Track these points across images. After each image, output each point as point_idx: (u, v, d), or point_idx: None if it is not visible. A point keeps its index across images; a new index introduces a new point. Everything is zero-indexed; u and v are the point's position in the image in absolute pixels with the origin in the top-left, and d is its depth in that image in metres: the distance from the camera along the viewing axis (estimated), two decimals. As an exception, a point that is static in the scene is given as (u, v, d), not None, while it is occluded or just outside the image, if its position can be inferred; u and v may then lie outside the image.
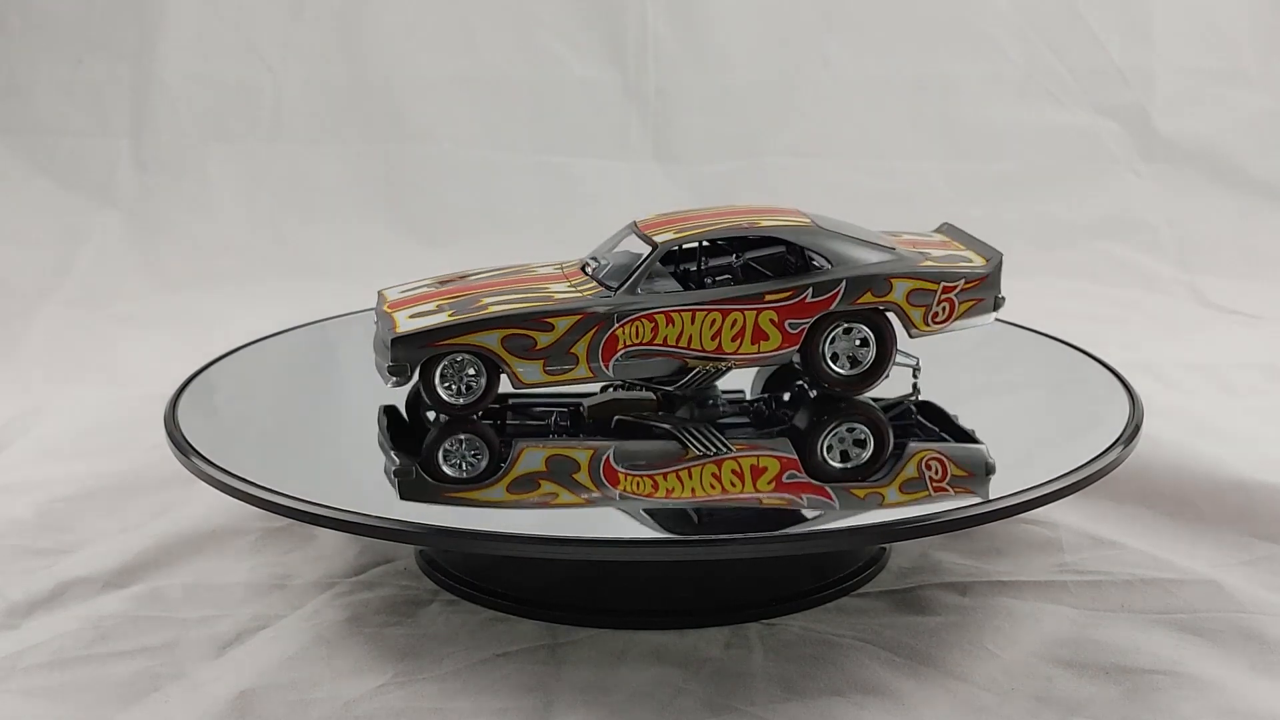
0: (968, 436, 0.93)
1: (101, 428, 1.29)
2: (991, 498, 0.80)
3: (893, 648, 0.86)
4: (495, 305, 0.93)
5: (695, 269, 0.98)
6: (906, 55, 2.04)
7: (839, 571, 0.94)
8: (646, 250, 0.96)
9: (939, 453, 0.90)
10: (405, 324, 0.93)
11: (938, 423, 0.96)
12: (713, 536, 0.80)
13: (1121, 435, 0.88)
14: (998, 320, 1.20)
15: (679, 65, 2.03)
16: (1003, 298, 1.00)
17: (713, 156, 2.02)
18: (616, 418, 0.94)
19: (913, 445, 0.91)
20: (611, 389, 0.96)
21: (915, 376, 1.00)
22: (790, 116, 2.04)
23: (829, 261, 0.95)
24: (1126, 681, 0.83)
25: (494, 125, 2.02)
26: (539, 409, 0.97)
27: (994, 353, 1.16)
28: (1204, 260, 1.86)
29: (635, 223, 1.01)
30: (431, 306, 0.95)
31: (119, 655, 0.87)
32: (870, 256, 0.96)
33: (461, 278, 1.03)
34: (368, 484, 0.90)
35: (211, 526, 1.05)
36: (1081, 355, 1.08)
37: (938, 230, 1.08)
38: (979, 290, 0.99)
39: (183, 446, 0.88)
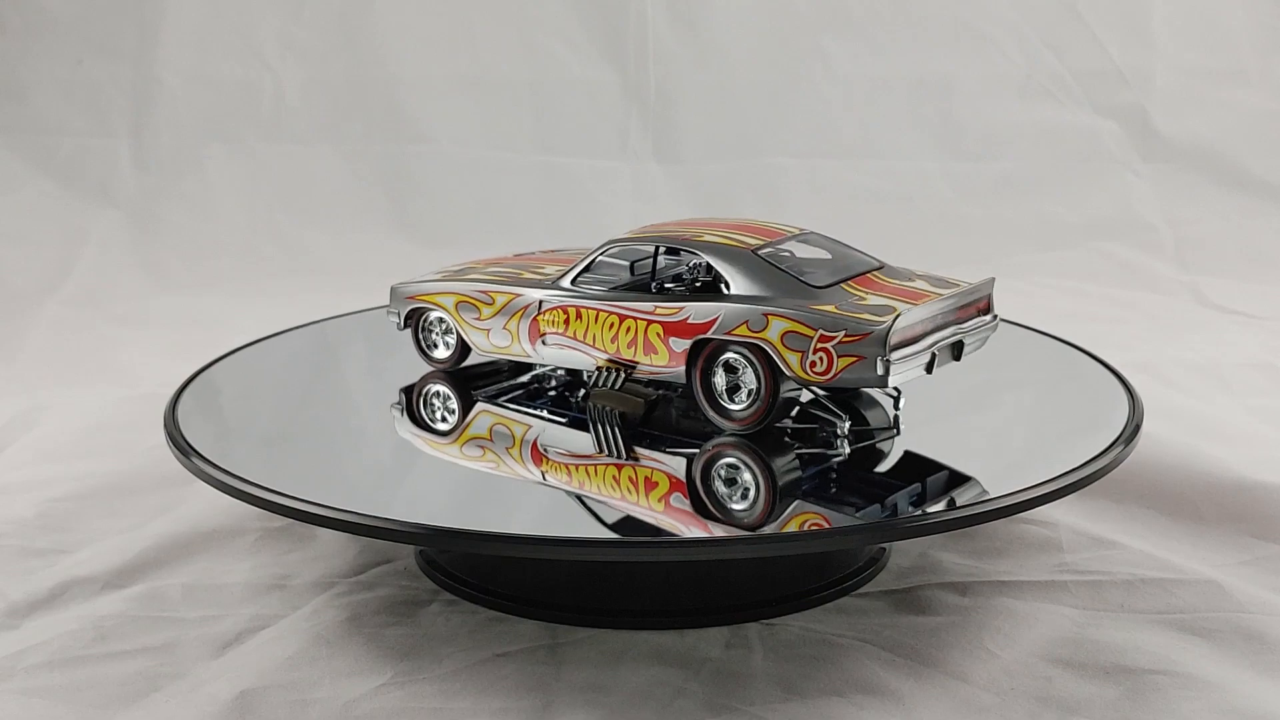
0: (888, 504, 0.84)
1: (101, 428, 1.29)
2: (992, 497, 0.80)
3: (892, 648, 0.86)
4: (473, 276, 1.02)
5: (649, 273, 0.95)
6: (906, 55, 2.04)
7: (839, 571, 0.94)
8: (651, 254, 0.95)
9: (823, 518, 0.81)
10: (407, 281, 1.06)
11: (862, 478, 0.88)
12: (712, 536, 0.80)
13: (1121, 435, 0.88)
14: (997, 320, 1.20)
15: (679, 65, 2.04)
16: (888, 360, 0.83)
17: (712, 157, 2.02)
18: (603, 404, 0.94)
19: (798, 504, 0.82)
20: (618, 376, 0.95)
21: (897, 408, 0.95)
22: (790, 116, 2.04)
23: (727, 286, 0.90)
24: (1126, 681, 0.83)
25: (494, 125, 2.03)
26: (550, 381, 1.02)
27: (994, 352, 1.16)
28: (1203, 260, 1.86)
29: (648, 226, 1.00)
30: (443, 273, 1.06)
31: (119, 655, 0.87)
32: (776, 290, 0.88)
33: (511, 257, 1.10)
34: (367, 484, 0.90)
35: (211, 526, 1.05)
36: (1081, 355, 1.08)
37: (983, 282, 0.95)
38: (859, 347, 0.84)
39: (182, 446, 0.88)
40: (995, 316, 0.94)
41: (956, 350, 0.90)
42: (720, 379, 0.89)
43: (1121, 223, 1.94)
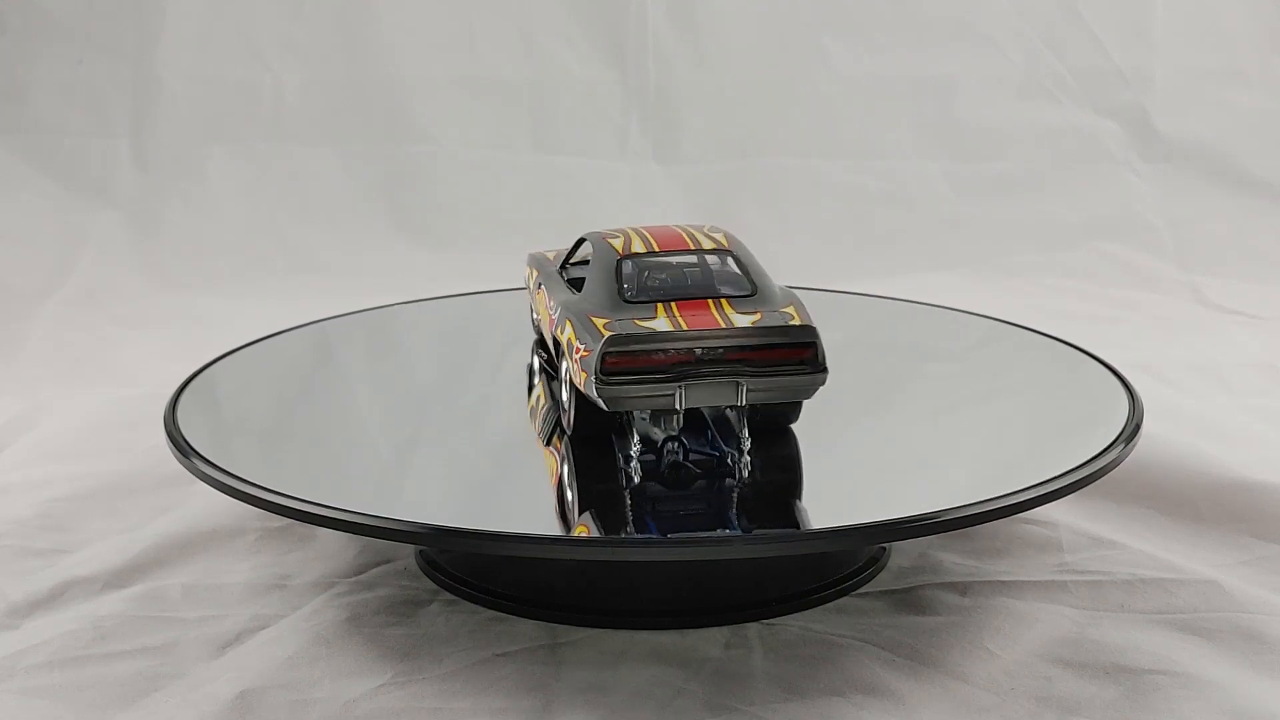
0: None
1: (101, 428, 1.29)
2: (991, 497, 0.80)
3: (892, 648, 0.86)
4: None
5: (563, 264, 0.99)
6: (906, 55, 2.04)
7: (839, 571, 0.94)
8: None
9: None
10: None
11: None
12: (711, 536, 0.80)
13: (1121, 435, 0.88)
14: (998, 320, 1.20)
15: (679, 65, 2.04)
16: (601, 380, 0.80)
17: (713, 157, 2.02)
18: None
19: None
20: None
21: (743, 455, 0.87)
22: (790, 116, 2.04)
23: (583, 287, 0.90)
24: (1126, 681, 0.83)
25: (494, 125, 2.03)
26: None
27: (994, 352, 1.16)
28: (1203, 260, 1.86)
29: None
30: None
31: (119, 655, 0.87)
32: (598, 297, 0.86)
33: None
34: (367, 484, 0.90)
35: (211, 526, 1.05)
36: (1081, 355, 1.08)
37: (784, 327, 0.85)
38: (586, 362, 0.81)
39: (182, 447, 0.88)
40: (816, 371, 0.83)
41: (740, 394, 0.82)
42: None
43: (1121, 223, 1.94)
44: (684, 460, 0.87)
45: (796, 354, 0.82)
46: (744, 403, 0.82)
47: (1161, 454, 1.13)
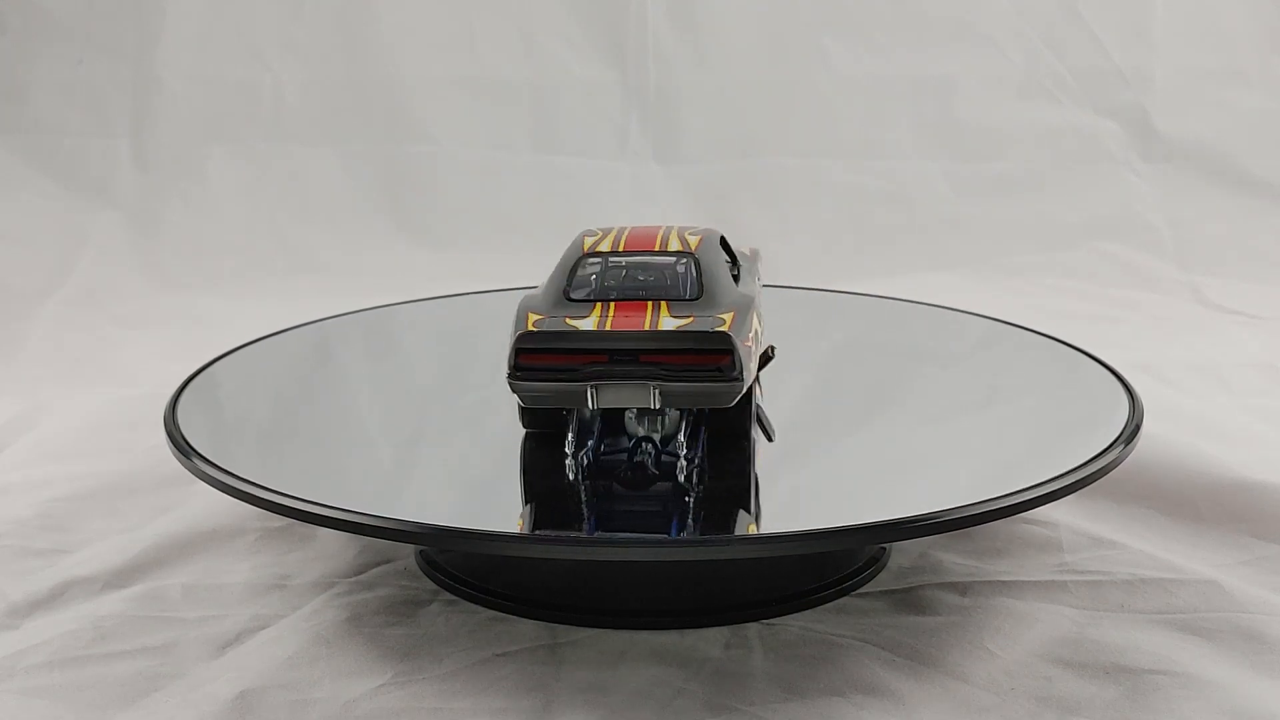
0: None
1: (101, 428, 1.29)
2: (992, 497, 0.80)
3: (892, 648, 0.86)
4: None
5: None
6: (906, 55, 2.04)
7: (839, 571, 0.94)
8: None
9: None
10: None
11: None
12: (711, 536, 0.80)
13: (1121, 435, 0.88)
14: (998, 321, 1.21)
15: (679, 65, 2.04)
16: (513, 373, 0.82)
17: (713, 157, 2.02)
18: None
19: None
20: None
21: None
22: (790, 116, 2.04)
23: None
24: (1126, 681, 0.83)
25: (494, 125, 2.03)
26: None
27: (994, 353, 1.16)
28: (1204, 260, 1.86)
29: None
30: None
31: (119, 655, 0.87)
32: (550, 295, 0.86)
33: None
34: (367, 484, 0.90)
35: (211, 526, 1.05)
36: (1081, 355, 1.08)
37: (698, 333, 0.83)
38: (508, 356, 0.83)
39: (182, 446, 0.88)
40: (730, 379, 0.80)
41: (658, 397, 0.81)
42: None
43: (1121, 223, 1.94)
44: (653, 462, 0.86)
45: (712, 360, 0.80)
46: (656, 406, 0.81)
47: (1161, 454, 1.13)
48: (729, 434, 0.88)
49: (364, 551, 1.00)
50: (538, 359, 0.81)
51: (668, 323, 0.81)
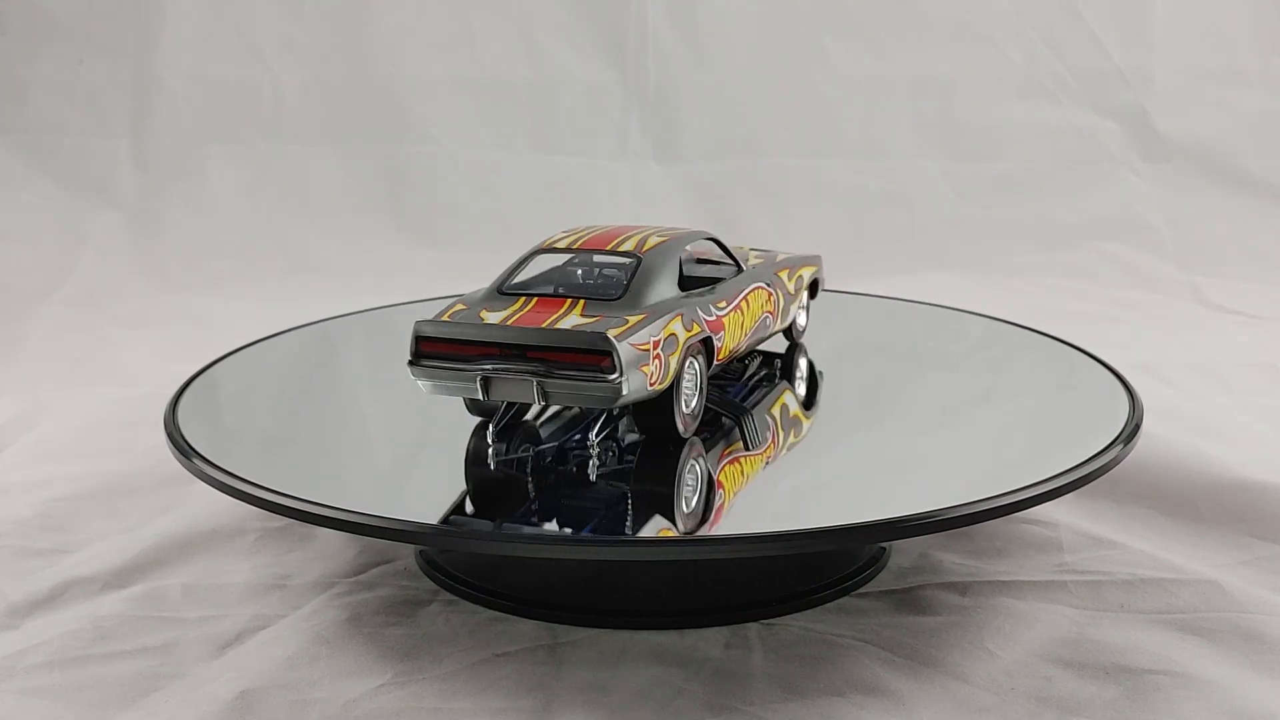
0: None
1: (101, 428, 1.29)
2: (991, 495, 0.80)
3: (892, 648, 0.86)
4: None
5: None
6: (907, 55, 2.04)
7: (839, 571, 0.94)
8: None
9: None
10: None
11: None
12: (713, 536, 0.80)
13: (1121, 434, 0.88)
14: (998, 320, 1.21)
15: (679, 65, 2.04)
16: (413, 362, 0.85)
17: (712, 156, 2.02)
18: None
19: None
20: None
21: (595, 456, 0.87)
22: (790, 116, 2.04)
23: None
24: (1126, 681, 0.83)
25: (494, 125, 2.03)
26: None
27: (994, 352, 1.16)
28: (1203, 260, 1.86)
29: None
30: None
31: (119, 655, 0.87)
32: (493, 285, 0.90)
33: None
34: (367, 484, 0.90)
35: (211, 526, 1.05)
36: (1081, 355, 1.08)
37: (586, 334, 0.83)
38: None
39: (182, 447, 0.88)
40: (608, 381, 0.81)
41: (541, 393, 0.82)
42: None
43: (1121, 222, 1.94)
44: (603, 459, 0.87)
45: (593, 361, 0.81)
46: (539, 402, 0.83)
47: (1161, 454, 1.13)
48: (660, 436, 0.89)
49: (364, 551, 1.00)
50: (436, 349, 0.85)
51: (568, 322, 0.83)
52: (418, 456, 0.94)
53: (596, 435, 0.87)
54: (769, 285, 1.02)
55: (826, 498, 0.86)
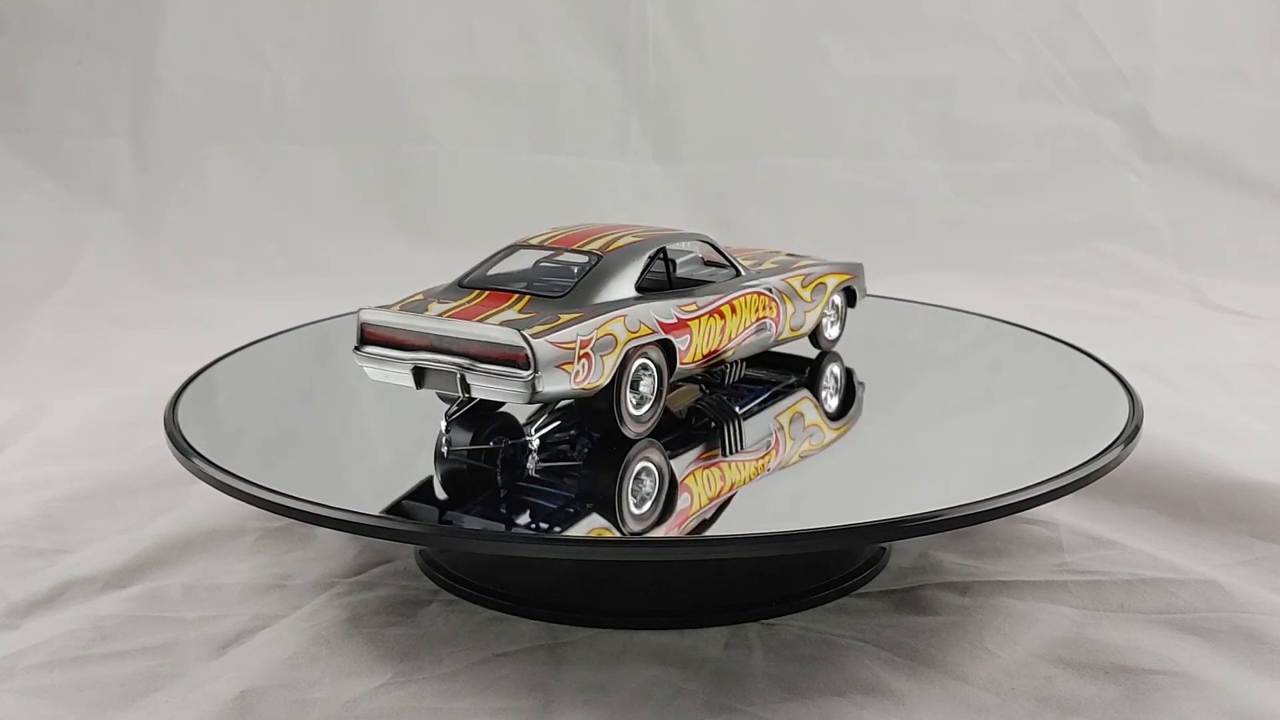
0: None
1: (101, 428, 1.29)
2: (991, 496, 0.80)
3: (892, 648, 0.86)
4: None
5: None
6: (907, 55, 2.04)
7: (839, 571, 0.94)
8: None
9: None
10: None
11: None
12: (713, 536, 0.80)
13: (1121, 435, 0.88)
14: (998, 320, 1.20)
15: (679, 66, 2.04)
16: (358, 350, 0.89)
17: (712, 156, 2.02)
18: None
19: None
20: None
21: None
22: (790, 116, 2.04)
23: None
24: (1126, 681, 0.83)
25: (494, 125, 2.03)
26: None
27: (994, 352, 1.16)
28: (1204, 260, 1.86)
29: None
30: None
31: (119, 655, 0.87)
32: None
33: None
34: (367, 484, 0.90)
35: (211, 526, 1.05)
36: (1081, 355, 1.08)
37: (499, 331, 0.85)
38: None
39: (182, 447, 0.88)
40: (521, 378, 0.82)
41: (464, 385, 0.84)
42: None
43: (1121, 222, 1.94)
44: (573, 451, 0.89)
45: (509, 357, 0.83)
46: (462, 394, 0.85)
47: (1161, 454, 1.13)
48: (609, 433, 0.89)
49: (364, 551, 1.00)
50: (377, 336, 0.88)
51: (501, 318, 0.86)
52: (417, 457, 0.94)
53: (537, 430, 0.89)
54: (771, 291, 1.01)
55: (827, 498, 0.86)
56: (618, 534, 0.79)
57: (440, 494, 0.85)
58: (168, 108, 1.99)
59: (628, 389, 0.88)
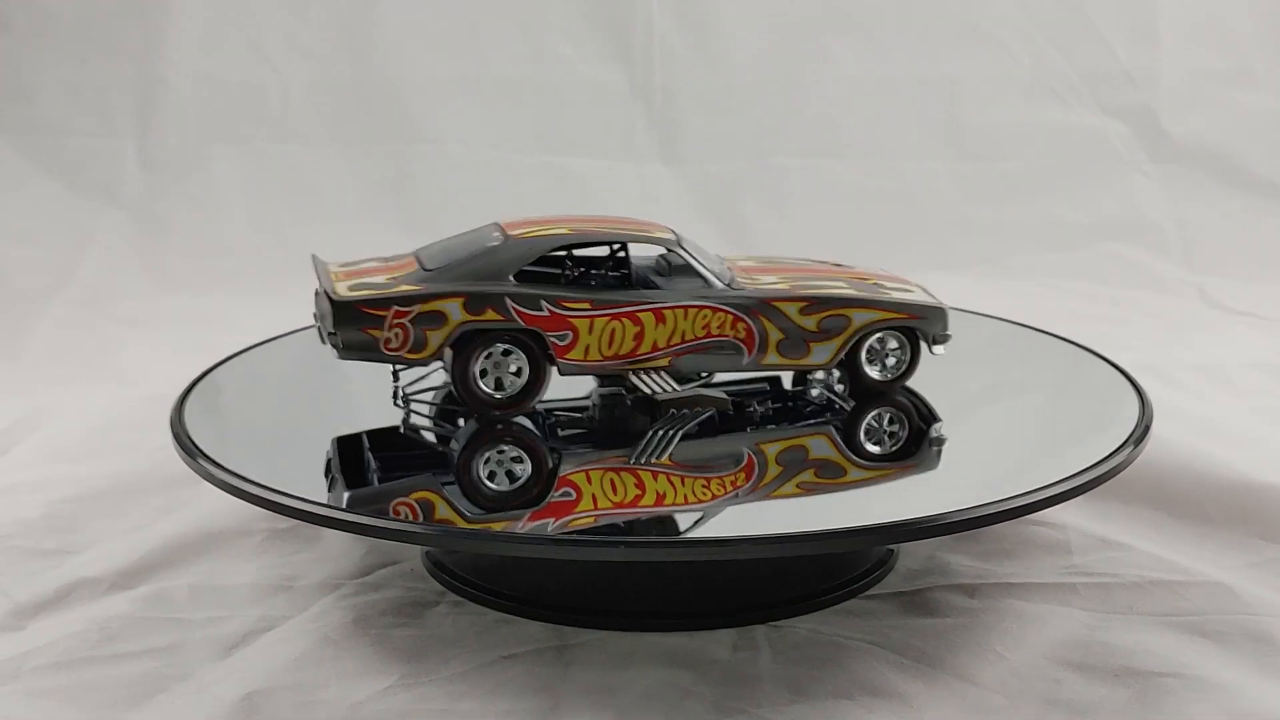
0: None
1: (107, 429, 1.29)
2: (1000, 498, 0.80)
3: (901, 650, 0.86)
4: None
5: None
6: (912, 55, 2.04)
7: (847, 573, 0.94)
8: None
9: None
10: None
11: None
12: (720, 537, 0.79)
13: (1131, 436, 0.88)
14: (1005, 321, 1.20)
15: (685, 65, 2.03)
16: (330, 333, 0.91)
17: (718, 157, 2.02)
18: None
19: None
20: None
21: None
22: (796, 116, 2.04)
23: None
24: (1135, 684, 0.83)
25: (500, 126, 2.02)
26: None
27: (1002, 353, 1.16)
28: (1211, 261, 1.86)
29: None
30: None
31: (125, 656, 0.87)
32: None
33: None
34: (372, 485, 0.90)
35: (217, 528, 1.05)
36: (1090, 356, 1.08)
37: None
38: None
39: (188, 447, 0.88)
40: (332, 336, 0.90)
41: (322, 337, 0.93)
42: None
43: (1128, 223, 1.94)
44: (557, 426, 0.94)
45: (333, 315, 0.89)
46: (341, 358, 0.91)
47: (1169, 456, 1.12)
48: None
49: (370, 552, 1.00)
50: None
51: (370, 279, 0.92)
52: (421, 457, 0.94)
53: (405, 388, 0.97)
54: (736, 309, 0.94)
55: (834, 500, 0.86)
56: (617, 535, 0.79)
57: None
58: (173, 108, 1.99)
59: (475, 368, 0.90)
